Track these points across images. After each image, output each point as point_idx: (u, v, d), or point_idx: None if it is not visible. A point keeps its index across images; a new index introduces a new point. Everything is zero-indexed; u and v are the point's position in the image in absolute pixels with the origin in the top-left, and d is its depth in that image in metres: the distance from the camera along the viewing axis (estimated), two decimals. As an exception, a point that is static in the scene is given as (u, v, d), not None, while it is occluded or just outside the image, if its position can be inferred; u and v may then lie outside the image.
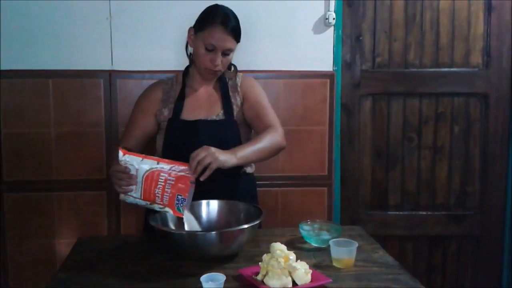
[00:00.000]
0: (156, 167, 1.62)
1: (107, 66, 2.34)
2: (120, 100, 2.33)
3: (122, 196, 1.66)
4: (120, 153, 1.64)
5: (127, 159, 1.63)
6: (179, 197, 1.62)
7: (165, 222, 1.68)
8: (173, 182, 1.62)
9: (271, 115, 1.94)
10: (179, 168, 1.63)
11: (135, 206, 2.25)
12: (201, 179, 1.62)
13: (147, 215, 1.74)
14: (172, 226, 1.68)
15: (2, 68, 2.29)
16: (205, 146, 1.65)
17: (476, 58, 2.58)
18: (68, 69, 2.32)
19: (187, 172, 1.62)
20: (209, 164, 1.62)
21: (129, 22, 2.32)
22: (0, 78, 2.29)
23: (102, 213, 2.39)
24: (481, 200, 2.66)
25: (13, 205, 2.35)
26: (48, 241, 2.38)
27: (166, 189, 1.62)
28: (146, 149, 1.92)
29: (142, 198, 1.64)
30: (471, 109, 2.61)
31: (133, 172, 1.62)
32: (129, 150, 1.71)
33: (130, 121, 1.97)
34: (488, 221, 2.66)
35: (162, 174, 1.62)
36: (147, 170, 1.62)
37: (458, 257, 2.69)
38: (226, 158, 1.67)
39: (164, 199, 1.63)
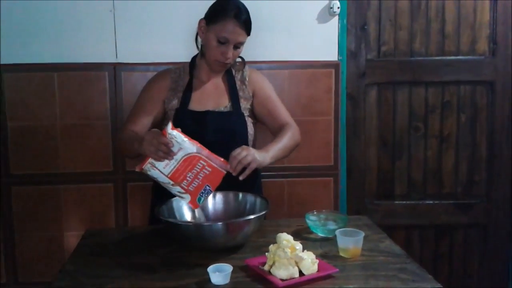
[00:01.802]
0: (199, 153, 1.62)
1: (111, 59, 2.34)
2: (125, 92, 2.34)
3: (147, 166, 1.61)
4: (170, 125, 1.61)
5: (174, 135, 1.60)
6: (207, 187, 1.63)
7: (171, 213, 1.68)
8: (207, 173, 1.62)
9: (284, 112, 1.99)
10: (217, 162, 1.63)
11: (143, 195, 2.27)
12: (241, 178, 1.65)
13: (153, 207, 1.74)
14: (178, 217, 1.69)
15: (7, 62, 2.29)
16: (244, 146, 1.69)
17: (482, 45, 2.56)
18: (73, 62, 2.32)
19: (223, 167, 1.63)
20: (249, 163, 1.64)
21: (132, 14, 2.32)
22: (6, 72, 2.29)
23: (109, 205, 2.40)
24: (488, 189, 2.65)
25: (21, 198, 2.36)
26: (56, 234, 2.39)
27: (198, 176, 1.62)
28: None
29: (168, 176, 1.61)
30: (477, 97, 2.59)
31: (174, 149, 1.60)
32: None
33: (137, 106, 1.95)
34: (495, 210, 2.65)
35: (201, 161, 1.62)
36: (190, 153, 1.61)
37: (465, 246, 2.69)
38: (263, 158, 1.71)
39: (192, 185, 1.62)
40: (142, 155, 1.70)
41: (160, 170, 1.61)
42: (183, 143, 1.60)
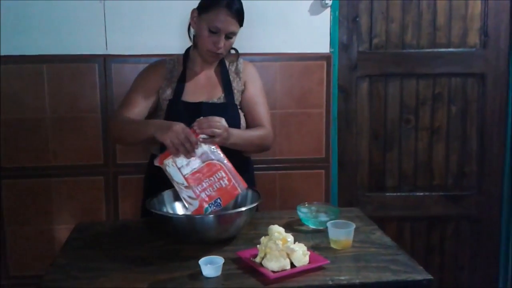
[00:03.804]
0: (222, 163, 1.61)
1: (101, 51, 2.32)
2: (116, 84, 2.32)
3: (169, 161, 1.59)
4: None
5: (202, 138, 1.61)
6: (219, 200, 1.60)
7: (162, 206, 1.68)
8: (224, 186, 1.60)
9: (264, 115, 1.96)
10: (237, 179, 1.62)
11: (134, 188, 2.26)
12: (201, 137, 1.61)
13: (145, 199, 1.74)
14: (169, 210, 1.68)
15: (-5, 54, 2.27)
16: (226, 126, 1.66)
17: (474, 38, 2.56)
18: (62, 54, 2.30)
19: (240, 187, 1.62)
20: (217, 137, 1.62)
21: (123, 5, 2.29)
22: (-6, 64, 2.27)
23: (100, 198, 2.39)
24: (478, 180, 2.66)
25: (11, 191, 2.35)
26: (47, 227, 2.38)
27: (214, 186, 1.60)
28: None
29: (185, 176, 1.59)
30: (468, 90, 2.60)
31: (199, 151, 1.59)
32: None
33: (132, 93, 1.92)
34: (486, 201, 2.67)
35: (222, 172, 1.60)
36: (214, 160, 1.60)
37: (456, 237, 2.70)
38: (230, 134, 1.69)
39: (205, 192, 1.60)
40: (137, 143, 1.68)
41: (178, 168, 1.59)
42: (211, 149, 1.61)
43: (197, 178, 1.60)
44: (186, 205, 1.62)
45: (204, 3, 1.85)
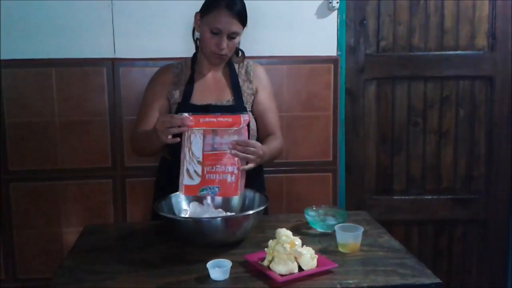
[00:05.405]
0: (240, 164, 1.61)
1: (109, 54, 2.33)
2: (124, 88, 2.33)
3: (198, 130, 1.57)
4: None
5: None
6: (216, 189, 1.61)
7: (170, 209, 1.68)
8: (229, 181, 1.61)
9: (275, 122, 1.98)
10: (242, 183, 1.64)
11: (142, 191, 2.28)
12: (243, 167, 1.63)
13: (154, 203, 1.74)
14: (177, 213, 1.69)
15: (4, 58, 2.28)
16: (261, 153, 1.67)
17: (481, 40, 2.55)
18: (71, 57, 2.31)
19: (241, 190, 1.64)
20: (251, 161, 1.64)
21: (131, 9, 2.30)
22: (3, 67, 2.28)
23: (108, 201, 2.39)
24: (486, 184, 2.65)
25: (19, 194, 2.36)
26: (55, 230, 2.39)
27: (221, 176, 1.61)
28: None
29: (204, 152, 1.60)
30: (476, 92, 2.59)
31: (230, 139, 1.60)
32: None
33: (143, 105, 1.96)
34: (494, 205, 2.65)
35: (235, 169, 1.61)
36: (238, 156, 1.61)
37: (464, 241, 2.69)
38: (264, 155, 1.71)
39: (210, 176, 1.60)
40: (157, 151, 1.75)
41: (203, 142, 1.59)
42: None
43: (213, 159, 1.60)
44: (185, 176, 1.60)
45: (205, 5, 1.86)
